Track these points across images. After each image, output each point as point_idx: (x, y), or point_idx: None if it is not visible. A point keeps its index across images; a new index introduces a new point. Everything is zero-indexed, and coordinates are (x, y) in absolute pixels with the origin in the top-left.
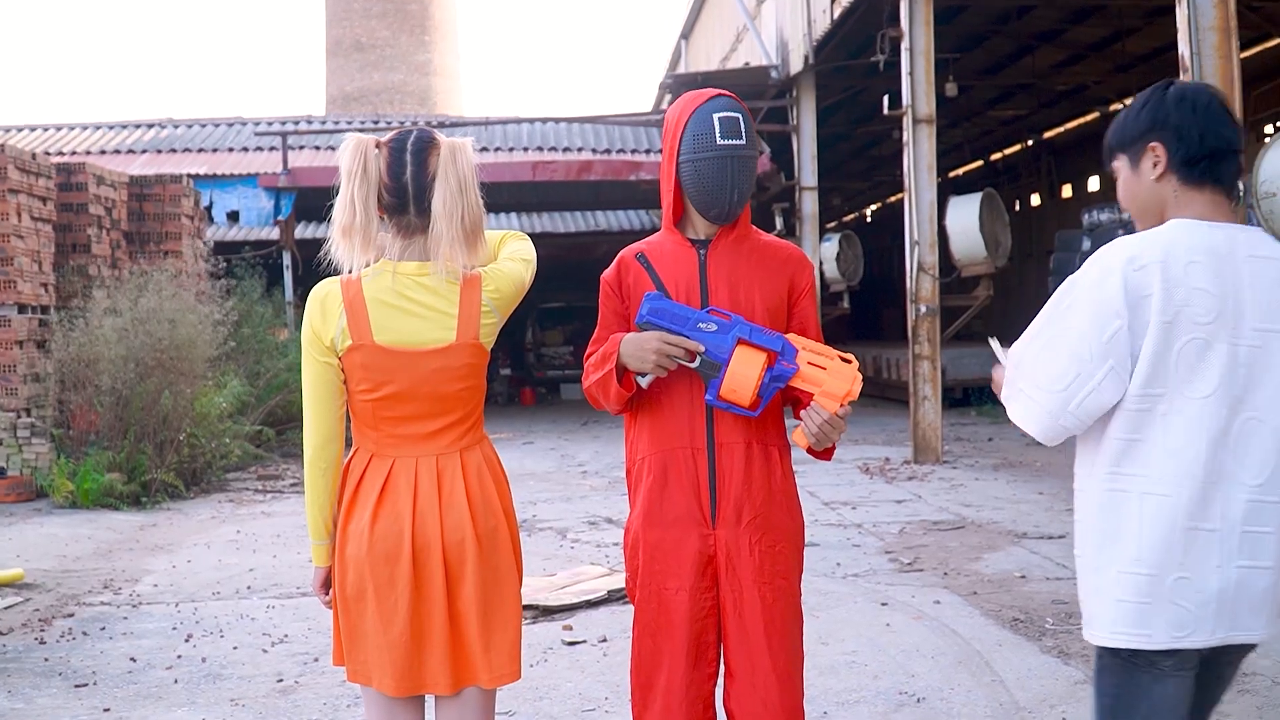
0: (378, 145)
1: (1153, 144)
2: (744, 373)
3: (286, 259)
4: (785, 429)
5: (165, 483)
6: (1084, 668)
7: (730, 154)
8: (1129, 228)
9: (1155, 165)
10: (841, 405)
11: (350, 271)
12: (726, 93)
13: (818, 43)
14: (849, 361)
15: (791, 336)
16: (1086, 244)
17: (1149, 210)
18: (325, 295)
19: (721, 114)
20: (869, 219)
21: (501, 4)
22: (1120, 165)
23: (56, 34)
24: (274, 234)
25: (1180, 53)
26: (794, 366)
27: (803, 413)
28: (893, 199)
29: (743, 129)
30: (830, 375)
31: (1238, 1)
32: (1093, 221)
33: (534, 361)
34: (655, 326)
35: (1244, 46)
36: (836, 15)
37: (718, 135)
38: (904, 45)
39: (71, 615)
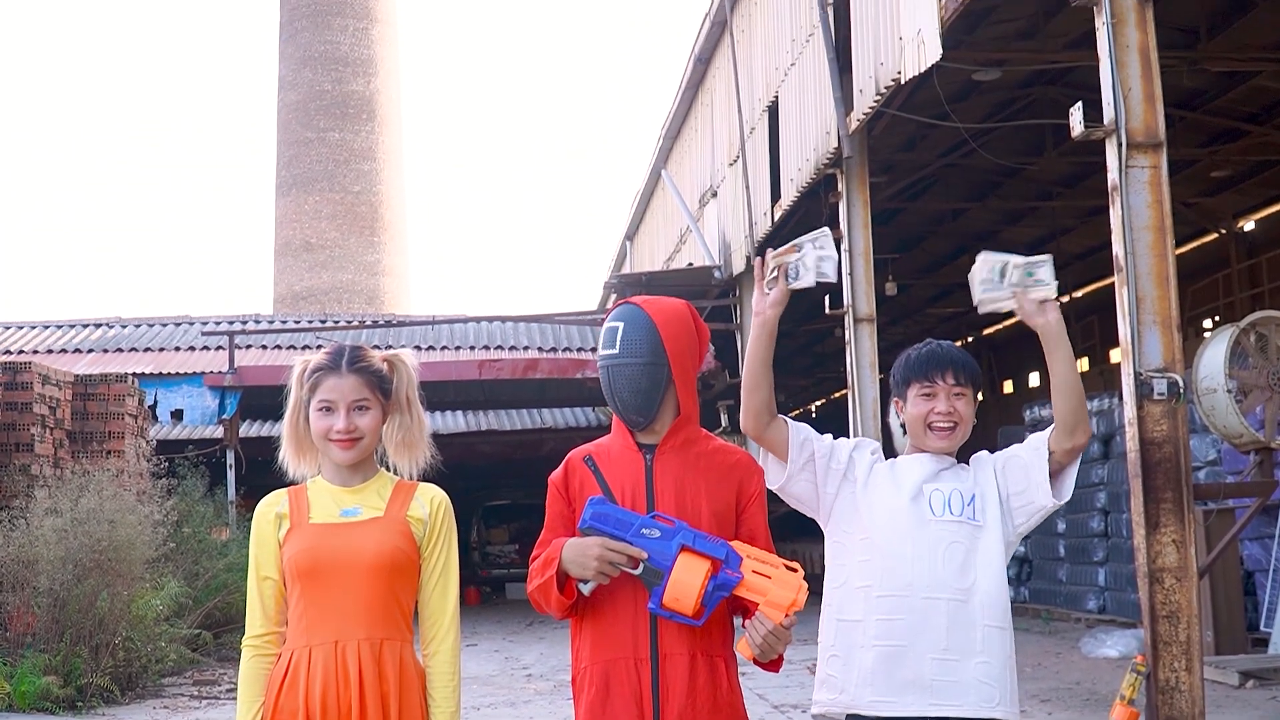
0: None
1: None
2: (687, 580)
3: (230, 458)
4: (732, 638)
5: (100, 687)
6: None
7: (605, 364)
8: None
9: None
10: (787, 615)
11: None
12: (634, 300)
13: (759, 244)
14: (795, 570)
15: (736, 544)
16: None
17: None
18: None
19: (606, 325)
20: (814, 414)
21: (450, 205)
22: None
23: (4, 235)
24: (218, 432)
25: (1115, 253)
26: (738, 575)
27: (747, 623)
28: (837, 395)
29: (617, 339)
30: (775, 584)
31: (1173, 198)
32: (1035, 417)
33: (479, 560)
34: (598, 532)
35: (1180, 242)
36: (777, 218)
37: (601, 346)
38: (844, 247)
39: None
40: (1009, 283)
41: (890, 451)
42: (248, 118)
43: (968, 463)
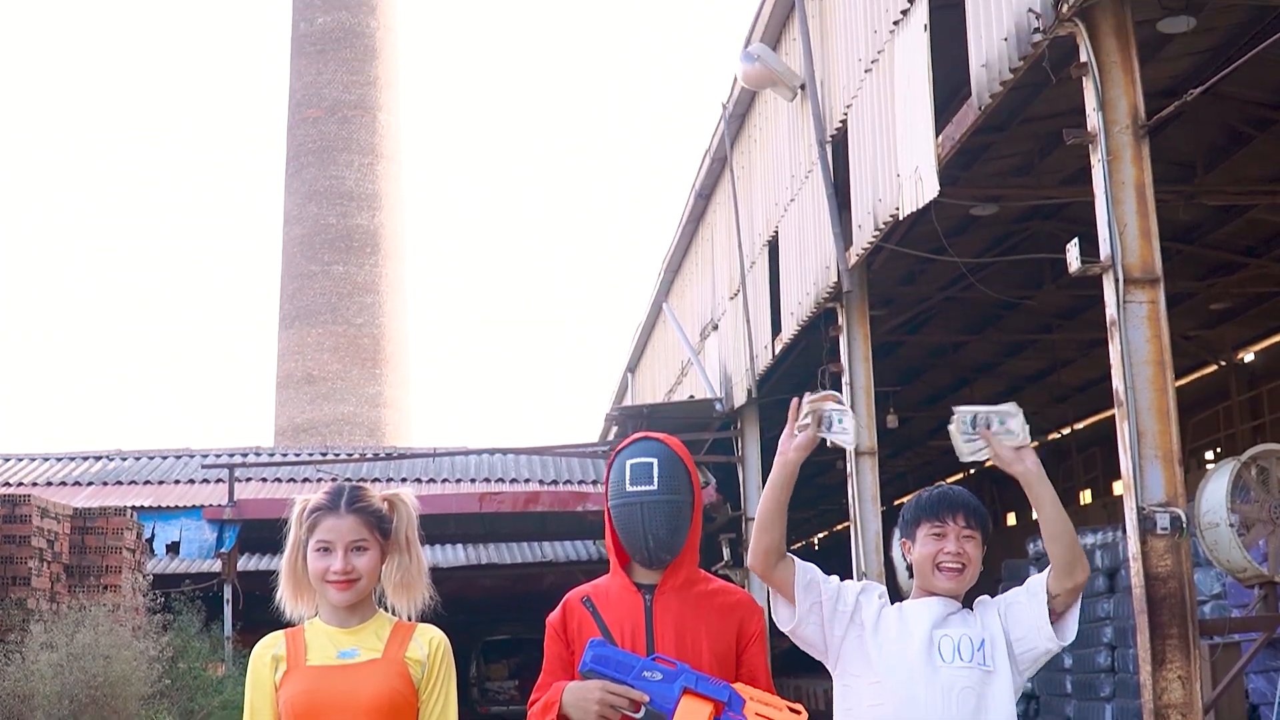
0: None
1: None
2: None
3: (228, 592)
4: None
5: None
6: None
7: (638, 500)
8: None
9: None
10: None
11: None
12: (654, 435)
13: (760, 377)
14: (798, 712)
15: (739, 686)
16: (1033, 573)
17: None
18: None
19: (633, 460)
20: (816, 547)
21: (452, 337)
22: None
23: (6, 368)
24: (215, 566)
25: (1115, 387)
26: (741, 718)
27: None
28: (839, 527)
29: (655, 474)
30: None
31: (1172, 331)
32: (1038, 550)
33: (478, 696)
34: (598, 675)
35: (1180, 374)
36: (778, 351)
37: (627, 482)
38: (844, 380)
39: None
40: (980, 428)
41: (893, 586)
42: (251, 252)
43: (971, 607)
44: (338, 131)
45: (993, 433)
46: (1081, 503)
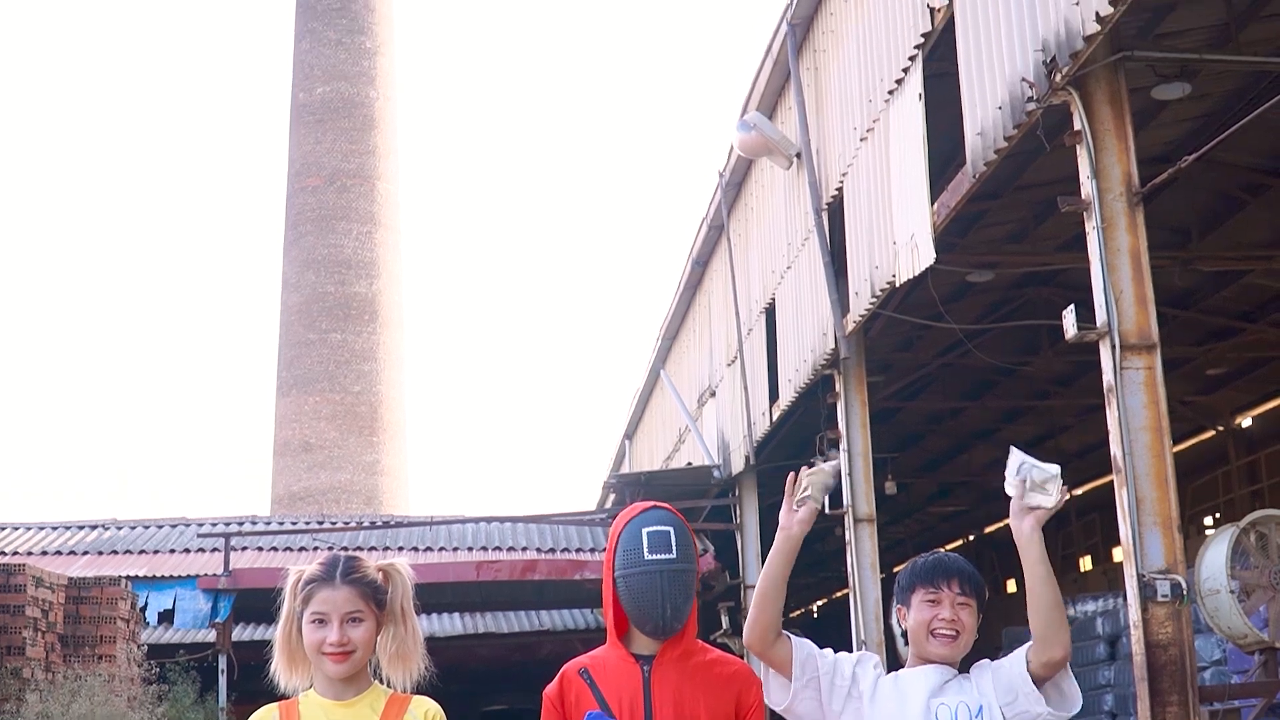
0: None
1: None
2: None
3: (222, 662)
4: None
5: None
6: None
7: (658, 569)
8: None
9: None
10: None
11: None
12: (663, 505)
13: (758, 443)
14: None
15: None
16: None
17: None
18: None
19: (650, 529)
20: (816, 614)
21: (449, 405)
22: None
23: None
24: (210, 636)
25: (1112, 453)
26: None
27: None
28: (839, 594)
29: (673, 543)
30: None
31: (1169, 396)
32: None
33: None
34: None
35: (1178, 439)
36: (775, 418)
37: (645, 551)
38: (842, 446)
39: None
40: (1020, 478)
41: (894, 654)
42: (249, 319)
43: (968, 673)
44: (336, 200)
45: (1026, 487)
46: (1081, 569)
